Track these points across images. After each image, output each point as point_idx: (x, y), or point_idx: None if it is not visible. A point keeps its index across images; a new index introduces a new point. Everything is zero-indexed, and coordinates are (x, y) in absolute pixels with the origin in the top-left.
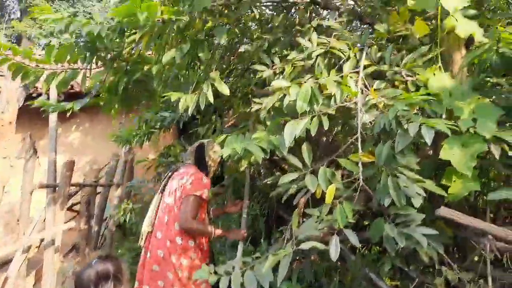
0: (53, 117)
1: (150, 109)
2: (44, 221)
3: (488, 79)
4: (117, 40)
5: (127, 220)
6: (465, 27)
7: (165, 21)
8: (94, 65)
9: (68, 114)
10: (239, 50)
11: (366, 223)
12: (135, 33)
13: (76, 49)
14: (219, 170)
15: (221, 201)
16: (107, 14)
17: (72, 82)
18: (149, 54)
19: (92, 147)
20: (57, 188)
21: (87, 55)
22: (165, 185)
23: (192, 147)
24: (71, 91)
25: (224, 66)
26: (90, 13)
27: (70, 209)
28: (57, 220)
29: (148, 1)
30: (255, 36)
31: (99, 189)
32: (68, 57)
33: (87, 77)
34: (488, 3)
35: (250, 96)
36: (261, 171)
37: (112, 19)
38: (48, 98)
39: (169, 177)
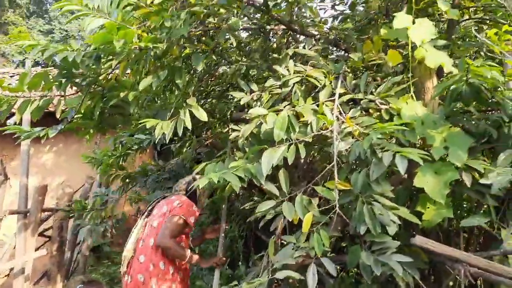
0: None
1: (126, 131)
2: (14, 248)
3: (459, 107)
4: (93, 66)
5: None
6: (435, 58)
7: (142, 48)
8: (69, 90)
9: (42, 141)
10: (218, 72)
11: (344, 244)
12: (112, 59)
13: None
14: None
15: (197, 224)
16: (84, 41)
17: None
18: (127, 74)
19: (65, 168)
20: (28, 214)
21: (62, 81)
22: (151, 210)
23: (184, 180)
24: (46, 111)
25: (202, 87)
26: (66, 31)
27: (41, 234)
28: (28, 247)
29: (125, 29)
30: (233, 59)
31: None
32: (42, 83)
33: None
34: (457, 33)
35: (228, 117)
36: (240, 192)
37: (89, 45)
38: (21, 122)
39: (157, 201)
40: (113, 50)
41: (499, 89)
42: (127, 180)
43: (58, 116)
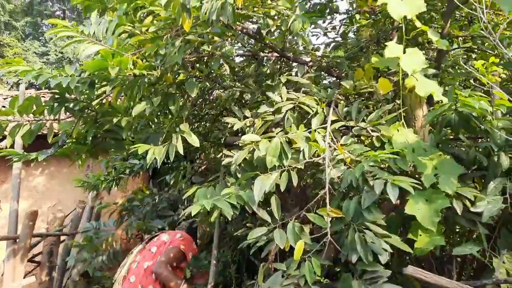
0: (16, 163)
1: (119, 154)
2: (2, 275)
3: (449, 135)
4: (87, 91)
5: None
6: (425, 87)
7: (136, 75)
8: (62, 114)
9: (32, 164)
10: (212, 96)
11: (337, 270)
12: (106, 84)
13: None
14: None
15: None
16: (78, 67)
17: None
18: (121, 97)
19: (57, 191)
20: (17, 240)
21: (55, 106)
22: (152, 237)
23: (187, 223)
24: (39, 134)
25: (197, 111)
26: (62, 53)
27: (30, 260)
28: (17, 275)
29: (120, 56)
30: (227, 84)
31: (63, 237)
32: (34, 108)
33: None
34: (446, 62)
35: (222, 141)
36: (233, 216)
37: (83, 70)
38: (13, 145)
39: (161, 231)
40: (107, 77)
41: (487, 118)
42: (123, 213)
43: (49, 140)
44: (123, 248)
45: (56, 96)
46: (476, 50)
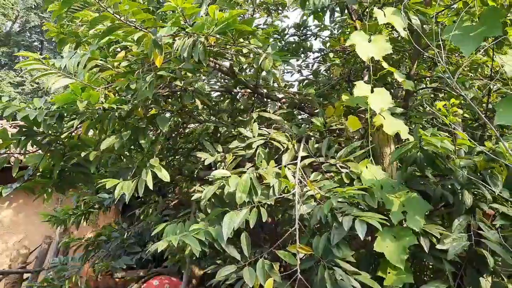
0: None
1: (88, 188)
2: None
3: (416, 172)
4: (55, 125)
5: None
6: (392, 125)
7: (106, 109)
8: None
9: None
10: (186, 130)
11: None
12: (75, 118)
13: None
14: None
15: None
16: (48, 99)
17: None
18: (91, 136)
19: (24, 225)
20: None
21: (22, 139)
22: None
23: (175, 267)
24: (6, 165)
25: (171, 145)
26: (37, 83)
27: None
28: None
29: (90, 89)
30: (202, 117)
31: (26, 275)
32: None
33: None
34: (414, 101)
35: (195, 175)
36: (206, 251)
37: (52, 103)
38: None
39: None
40: (76, 110)
41: (451, 157)
42: (90, 248)
43: (14, 174)
44: (92, 286)
45: (24, 129)
46: (442, 90)
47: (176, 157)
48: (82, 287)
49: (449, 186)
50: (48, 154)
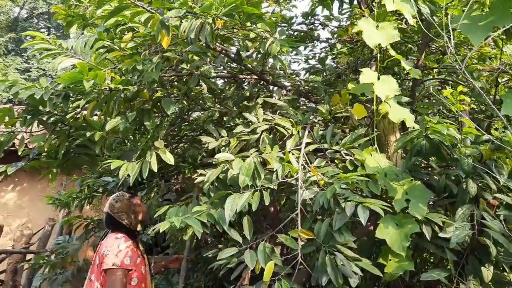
0: None
1: (93, 171)
2: None
3: (421, 162)
4: (61, 104)
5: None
6: (398, 113)
7: (112, 90)
8: (33, 127)
9: (0, 178)
10: (191, 117)
11: None
12: (80, 98)
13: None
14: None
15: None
16: (54, 79)
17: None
18: (96, 117)
19: (28, 208)
20: None
21: (27, 118)
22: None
23: (103, 216)
24: (12, 148)
25: (175, 132)
26: (44, 70)
27: None
28: None
29: (96, 69)
30: (207, 105)
31: (29, 256)
32: (6, 119)
33: (26, 139)
34: (421, 92)
35: (198, 162)
36: (208, 240)
37: (58, 84)
38: None
39: (101, 238)
40: (82, 90)
41: (457, 146)
42: (90, 227)
43: (19, 153)
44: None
45: (30, 108)
46: (449, 82)
47: (180, 144)
48: (80, 263)
49: (453, 177)
50: (53, 134)
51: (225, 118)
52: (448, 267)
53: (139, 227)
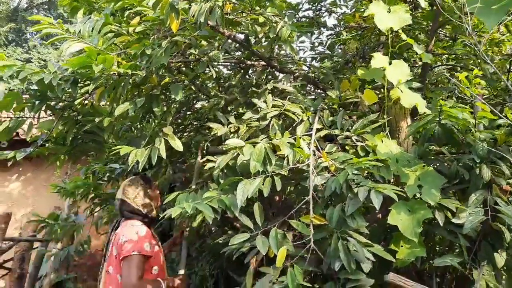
0: None
1: (98, 160)
2: None
3: (432, 147)
4: (69, 90)
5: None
6: (409, 98)
7: (120, 75)
8: (41, 114)
9: (9, 164)
10: (196, 106)
11: (317, 287)
12: (89, 84)
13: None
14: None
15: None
16: (61, 64)
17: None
18: (103, 105)
19: (33, 197)
20: None
21: (36, 103)
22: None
23: (115, 204)
24: (16, 138)
25: (180, 120)
26: (45, 60)
27: (0, 266)
28: None
29: (105, 54)
30: (212, 93)
31: (36, 244)
32: (14, 105)
33: (34, 125)
34: (430, 79)
35: (205, 150)
36: (212, 229)
37: (66, 69)
38: None
39: (114, 228)
40: (91, 75)
41: (470, 130)
42: (96, 201)
43: (27, 138)
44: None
45: (38, 93)
46: (459, 68)
47: (185, 134)
48: (84, 237)
49: (465, 163)
50: (61, 120)
51: (230, 108)
52: (460, 252)
53: (154, 213)
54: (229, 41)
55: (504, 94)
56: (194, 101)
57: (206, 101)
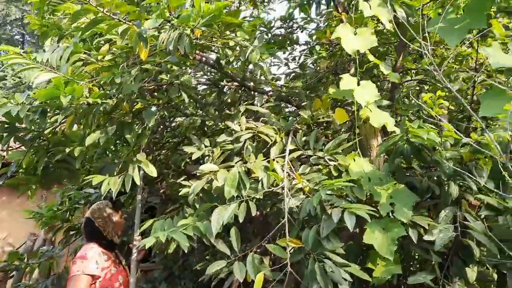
0: None
1: (74, 185)
2: None
3: (403, 164)
4: (38, 120)
5: None
6: (378, 118)
7: (90, 104)
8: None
9: None
10: (173, 123)
11: None
12: (58, 113)
13: None
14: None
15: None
16: (30, 94)
17: None
18: (75, 129)
19: (8, 222)
20: None
21: (4, 136)
22: None
23: (82, 224)
24: None
25: (157, 138)
26: (19, 77)
27: None
28: None
29: (73, 84)
30: (189, 111)
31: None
32: None
33: (3, 157)
34: (400, 93)
35: (182, 169)
36: (195, 245)
37: (35, 99)
38: None
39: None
40: (59, 105)
41: (437, 149)
42: (71, 232)
43: None
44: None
45: (6, 125)
46: (428, 82)
47: (163, 151)
48: (59, 270)
49: (435, 178)
50: (32, 150)
51: (207, 123)
52: (434, 269)
53: (116, 239)
54: (201, 63)
55: (471, 109)
56: (171, 118)
57: (184, 118)
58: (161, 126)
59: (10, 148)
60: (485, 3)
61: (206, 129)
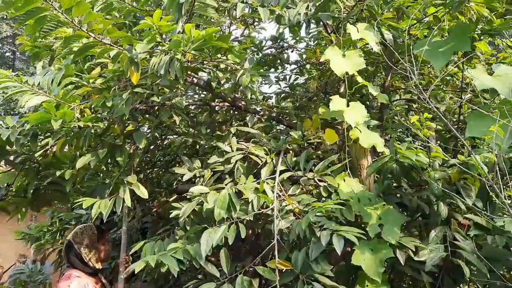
0: None
1: (64, 205)
2: None
3: (393, 183)
4: (29, 144)
5: None
6: (368, 138)
7: (81, 127)
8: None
9: None
10: (165, 142)
11: None
12: (49, 136)
13: None
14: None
15: None
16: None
17: None
18: (66, 151)
19: None
20: None
21: None
22: None
23: (63, 246)
24: None
25: (149, 157)
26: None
27: None
28: None
29: (64, 107)
30: (180, 130)
31: None
32: None
33: None
34: (389, 112)
35: (173, 187)
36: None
37: (26, 122)
38: None
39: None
40: (50, 128)
41: (426, 169)
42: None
43: None
44: None
45: None
46: (416, 101)
47: (155, 169)
48: None
49: (425, 197)
50: (22, 173)
51: (199, 142)
52: None
53: (98, 265)
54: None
55: (457, 130)
56: (163, 137)
57: (175, 136)
58: (153, 145)
59: (1, 171)
60: (468, 27)
61: (198, 147)
